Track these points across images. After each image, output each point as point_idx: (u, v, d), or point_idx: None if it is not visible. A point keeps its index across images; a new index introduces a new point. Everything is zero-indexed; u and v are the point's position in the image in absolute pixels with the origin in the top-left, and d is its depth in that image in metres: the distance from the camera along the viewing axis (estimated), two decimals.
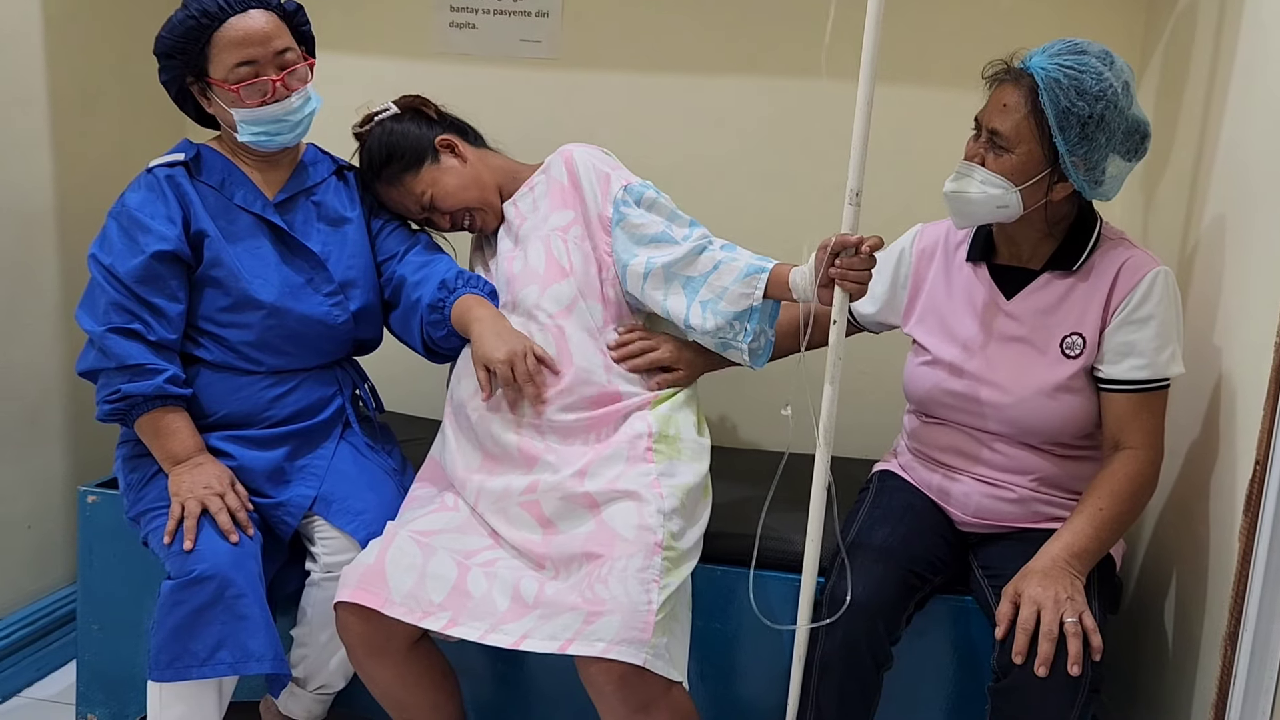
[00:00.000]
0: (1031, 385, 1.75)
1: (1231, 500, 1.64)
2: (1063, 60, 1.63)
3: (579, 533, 1.70)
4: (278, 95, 1.81)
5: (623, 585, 1.60)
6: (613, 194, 1.91)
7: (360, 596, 1.66)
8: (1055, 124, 1.62)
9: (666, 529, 1.68)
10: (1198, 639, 1.75)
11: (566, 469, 1.75)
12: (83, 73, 2.30)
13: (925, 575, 1.77)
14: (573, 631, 1.59)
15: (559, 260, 1.89)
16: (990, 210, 1.70)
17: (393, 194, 2.02)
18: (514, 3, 2.55)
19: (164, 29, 1.81)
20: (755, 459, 2.27)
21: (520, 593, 1.66)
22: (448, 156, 2.00)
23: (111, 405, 1.78)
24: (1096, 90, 1.61)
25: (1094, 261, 1.74)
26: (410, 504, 1.86)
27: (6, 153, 2.12)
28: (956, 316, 1.84)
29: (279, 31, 1.81)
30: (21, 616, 2.24)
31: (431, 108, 2.05)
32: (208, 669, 1.66)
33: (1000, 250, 1.82)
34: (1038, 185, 1.67)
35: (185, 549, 1.68)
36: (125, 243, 1.79)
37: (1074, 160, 1.64)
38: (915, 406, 1.92)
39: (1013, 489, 1.80)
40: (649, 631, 1.58)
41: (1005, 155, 1.66)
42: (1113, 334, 1.71)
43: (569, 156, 1.97)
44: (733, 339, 1.82)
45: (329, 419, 1.95)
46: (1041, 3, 2.33)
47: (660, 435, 1.80)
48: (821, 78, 2.36)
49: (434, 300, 1.91)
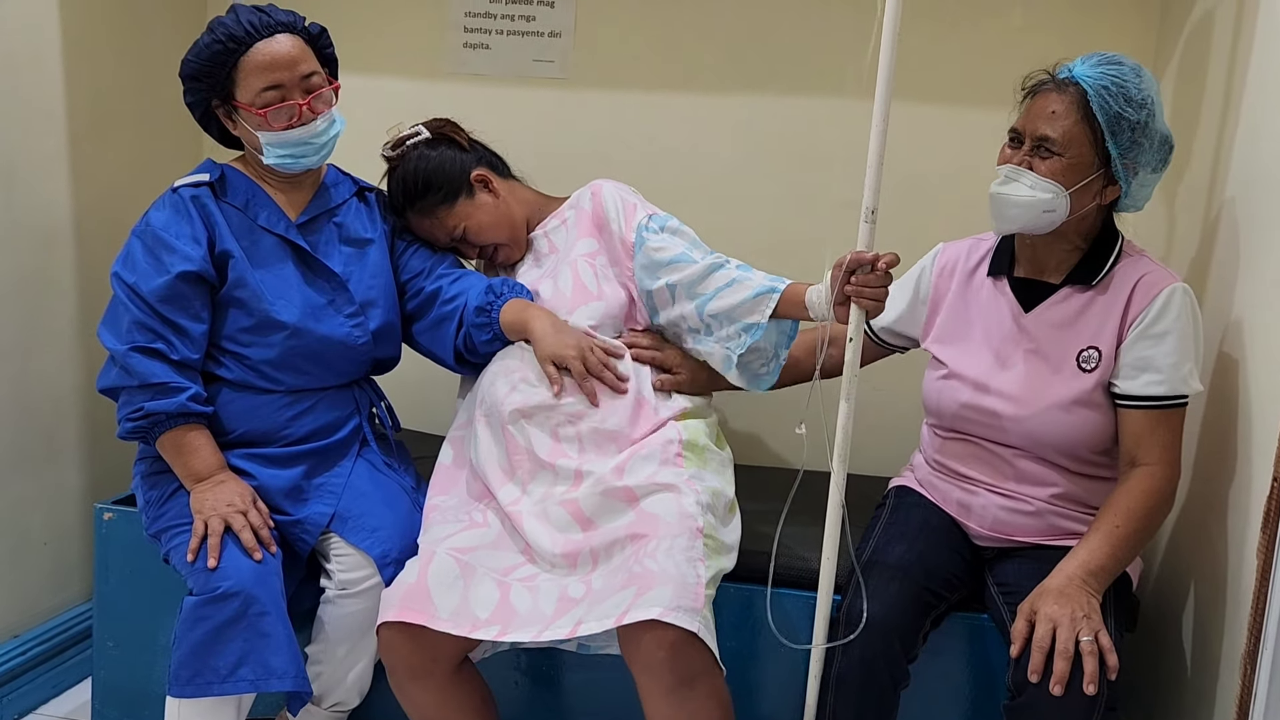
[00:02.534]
0: (1047, 399, 1.75)
1: (1249, 517, 1.64)
2: (1106, 69, 1.67)
3: (620, 523, 1.72)
4: (303, 119, 1.83)
5: (671, 559, 1.62)
6: (637, 221, 1.94)
7: (406, 615, 1.65)
8: (1107, 129, 1.65)
9: (705, 519, 1.71)
10: (1216, 657, 1.74)
11: (603, 468, 1.78)
12: (100, 93, 2.31)
13: (941, 593, 1.77)
14: (625, 605, 1.59)
15: (587, 285, 1.93)
16: (1034, 215, 1.69)
17: (424, 224, 2.03)
18: (527, 23, 2.57)
19: (190, 53, 1.82)
20: (772, 476, 2.27)
21: (567, 594, 1.67)
22: (482, 192, 2.02)
23: (134, 423, 1.79)
24: (1140, 98, 1.65)
25: (1113, 276, 1.74)
26: (435, 517, 1.86)
27: (25, 171, 2.14)
28: (975, 330, 1.84)
29: (304, 56, 1.83)
30: (38, 633, 2.25)
31: (462, 135, 2.07)
32: (229, 685, 1.66)
33: (1021, 264, 1.83)
34: (1087, 188, 1.69)
35: (209, 567, 1.69)
36: (150, 262, 1.80)
37: (1125, 164, 1.68)
38: (933, 420, 1.92)
39: (1030, 502, 1.80)
40: (700, 601, 1.60)
41: (1055, 159, 1.68)
42: (1129, 349, 1.71)
43: (598, 190, 2.02)
44: (733, 350, 1.84)
45: (346, 437, 1.96)
46: (1054, 20, 2.34)
47: (689, 444, 1.83)
48: (833, 96, 2.40)
49: (482, 303, 1.92)
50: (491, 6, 2.57)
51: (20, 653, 2.19)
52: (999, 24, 2.36)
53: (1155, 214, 2.21)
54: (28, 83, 2.13)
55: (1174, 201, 2.14)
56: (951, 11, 2.36)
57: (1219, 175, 1.92)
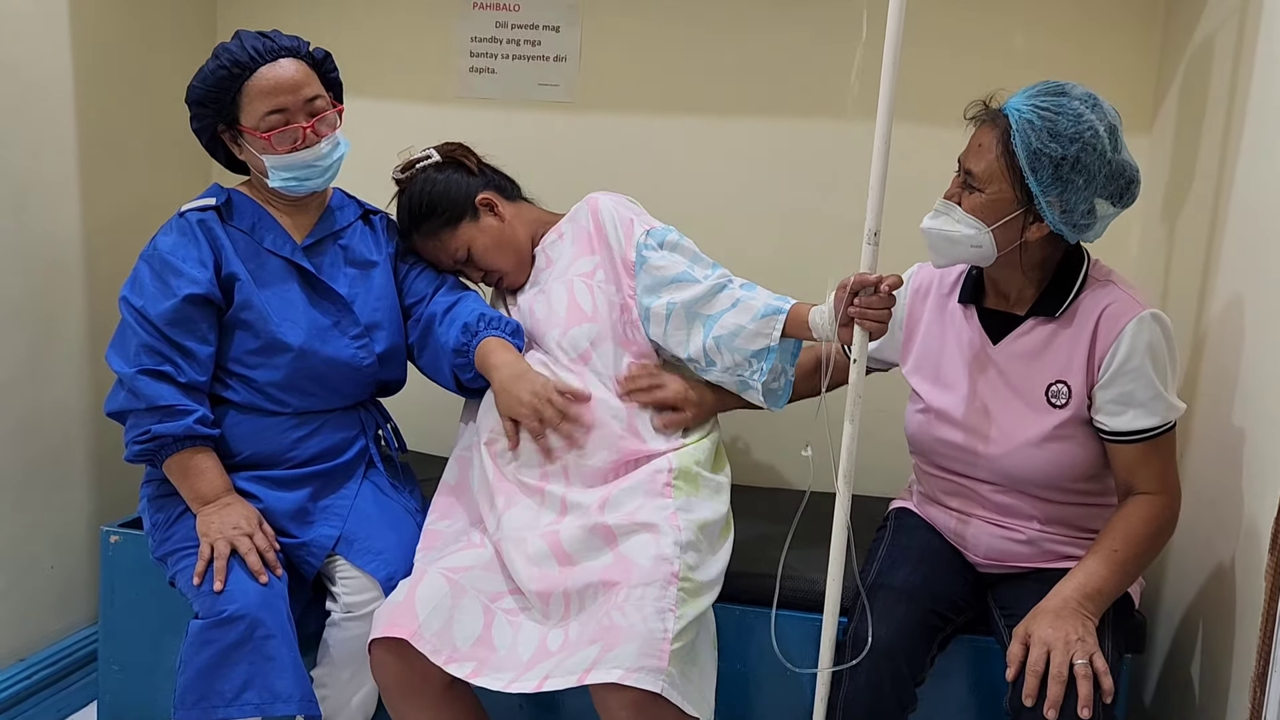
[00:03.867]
0: (1018, 436, 1.72)
1: (1258, 540, 1.63)
2: (1038, 102, 1.60)
3: (596, 564, 1.70)
4: (308, 142, 1.84)
5: (639, 613, 1.60)
6: (636, 238, 1.92)
7: (390, 630, 1.67)
8: (1027, 165, 1.59)
9: (683, 561, 1.68)
10: (1226, 680, 1.73)
11: (588, 499, 1.77)
12: (111, 119, 2.34)
13: (947, 615, 1.76)
14: (590, 661, 1.58)
15: (581, 304, 1.91)
16: (965, 250, 1.67)
17: (428, 246, 2.04)
18: (532, 48, 2.59)
19: (196, 79, 1.84)
20: (776, 498, 2.27)
21: (546, 644, 1.67)
22: (487, 216, 2.03)
23: (141, 446, 1.80)
24: (1072, 132, 1.58)
25: (1078, 306, 1.69)
26: (433, 540, 1.87)
27: (36, 196, 2.16)
28: (948, 362, 1.82)
29: (308, 79, 1.85)
30: (44, 657, 2.25)
31: (473, 159, 2.08)
32: (234, 709, 1.66)
33: (989, 294, 1.79)
34: (1010, 225, 1.64)
35: (215, 590, 1.69)
36: (157, 285, 1.81)
37: (1049, 201, 1.61)
38: (915, 454, 1.91)
39: (1022, 531, 1.79)
40: (665, 659, 1.58)
41: (977, 195, 1.64)
42: (1105, 388, 1.66)
43: (595, 204, 1.99)
44: (749, 377, 1.83)
45: (352, 459, 1.96)
46: (1056, 43, 2.36)
47: (680, 471, 1.81)
48: (836, 118, 2.41)
49: (458, 345, 1.93)
50: (497, 31, 2.60)
51: (26, 676, 2.19)
52: (1000, 48, 2.37)
53: (1157, 237, 2.21)
54: (39, 108, 2.15)
55: (1175, 225, 2.14)
56: (953, 35, 2.37)
57: (1221, 199, 1.92)
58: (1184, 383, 2.00)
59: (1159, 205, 2.25)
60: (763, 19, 2.47)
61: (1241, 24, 1.89)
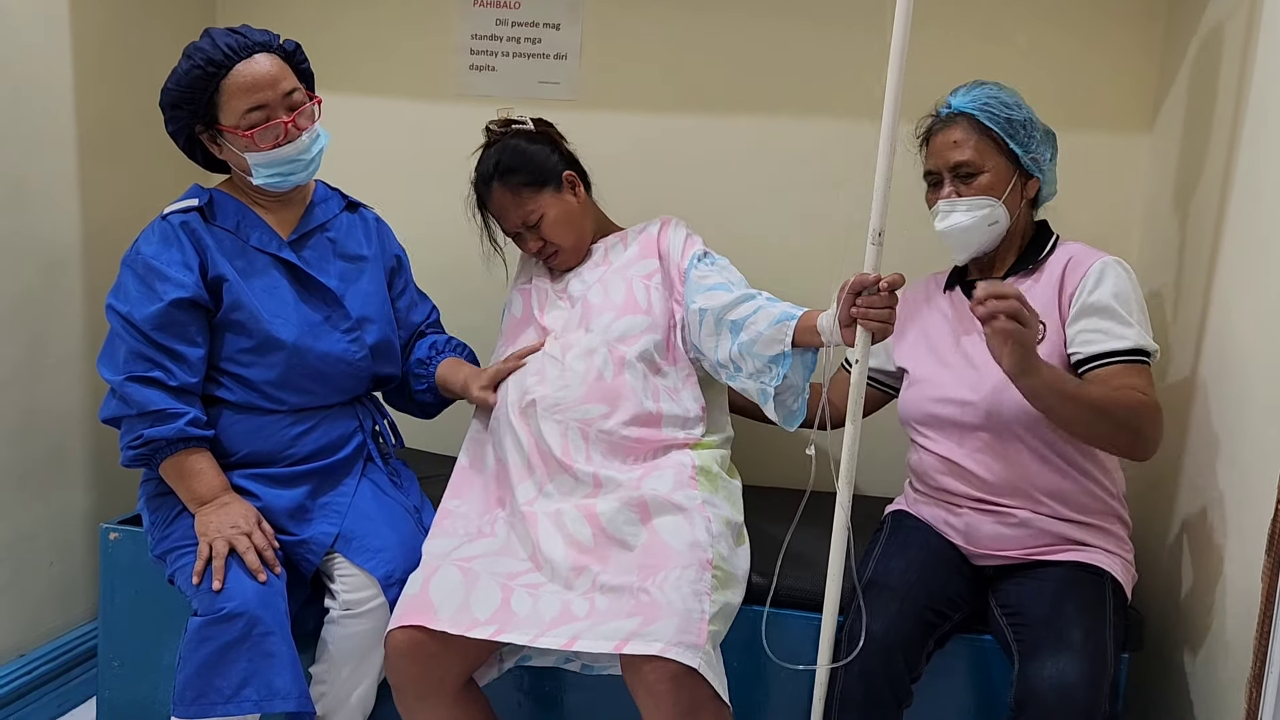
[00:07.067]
0: (998, 370, 1.72)
1: (1255, 540, 1.63)
2: (975, 93, 1.85)
3: (631, 542, 1.74)
4: (289, 136, 1.84)
5: (678, 592, 1.64)
6: (691, 252, 2.03)
7: (406, 619, 1.68)
8: (1005, 134, 1.81)
9: (715, 549, 1.72)
10: (1222, 681, 1.74)
11: (623, 476, 1.82)
12: (109, 118, 2.33)
13: (944, 612, 1.77)
14: (627, 633, 1.61)
15: (638, 299, 1.99)
16: (983, 231, 1.83)
17: (504, 199, 2.06)
18: (533, 45, 2.59)
19: (170, 81, 1.83)
20: (777, 496, 2.27)
21: (570, 609, 1.68)
22: (568, 192, 2.08)
23: (135, 451, 1.80)
24: (1013, 102, 1.84)
25: (1049, 261, 1.86)
26: (446, 525, 1.89)
27: (34, 195, 2.16)
28: (934, 334, 1.93)
29: (284, 74, 1.84)
30: (43, 652, 2.25)
31: (564, 142, 2.14)
32: (232, 706, 1.66)
33: (971, 270, 1.93)
34: (1013, 191, 1.84)
35: (214, 589, 1.69)
36: (142, 290, 1.80)
37: (1031, 157, 1.83)
38: (909, 430, 1.96)
39: (1013, 513, 1.80)
40: (703, 638, 1.61)
41: (978, 178, 1.82)
42: (1074, 322, 1.77)
43: (666, 222, 2.13)
44: (768, 384, 1.85)
45: (350, 455, 1.96)
46: (1058, 41, 2.36)
47: (702, 469, 1.86)
48: (841, 118, 2.41)
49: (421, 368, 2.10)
50: (498, 29, 2.60)
51: (26, 672, 2.20)
52: (1004, 48, 2.37)
53: (1168, 226, 2.21)
54: (37, 107, 2.15)
55: (1184, 216, 2.14)
56: (957, 35, 2.37)
57: (1226, 197, 1.92)
58: (1184, 382, 2.00)
59: (1160, 206, 2.25)
60: (764, 17, 2.47)
61: (1250, 16, 1.88)
